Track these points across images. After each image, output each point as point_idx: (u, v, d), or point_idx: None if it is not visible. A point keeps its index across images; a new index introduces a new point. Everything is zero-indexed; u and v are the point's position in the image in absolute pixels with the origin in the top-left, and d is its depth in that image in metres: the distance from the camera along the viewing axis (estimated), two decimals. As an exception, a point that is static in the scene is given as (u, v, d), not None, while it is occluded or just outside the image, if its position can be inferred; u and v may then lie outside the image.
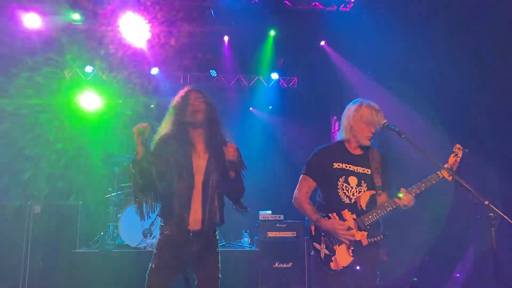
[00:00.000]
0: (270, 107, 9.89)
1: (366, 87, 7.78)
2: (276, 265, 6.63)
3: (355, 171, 2.96)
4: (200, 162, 2.89)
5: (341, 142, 3.03)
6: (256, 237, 6.99)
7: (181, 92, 3.03)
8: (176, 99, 3.01)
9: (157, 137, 2.96)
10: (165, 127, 2.98)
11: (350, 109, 3.01)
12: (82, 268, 5.97)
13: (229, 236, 6.95)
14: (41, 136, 7.87)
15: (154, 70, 9.06)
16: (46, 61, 7.88)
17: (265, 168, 8.53)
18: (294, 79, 9.96)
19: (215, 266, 2.87)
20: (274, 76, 9.62)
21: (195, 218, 2.79)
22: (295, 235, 6.82)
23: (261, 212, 6.99)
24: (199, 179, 2.84)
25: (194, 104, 2.90)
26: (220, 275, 2.90)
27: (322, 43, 8.32)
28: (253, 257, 6.51)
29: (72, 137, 8.20)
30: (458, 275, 2.92)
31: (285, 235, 6.84)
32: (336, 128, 8.25)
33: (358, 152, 3.01)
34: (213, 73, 9.26)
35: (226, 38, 8.22)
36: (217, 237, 2.99)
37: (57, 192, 7.38)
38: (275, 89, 9.79)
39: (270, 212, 7.03)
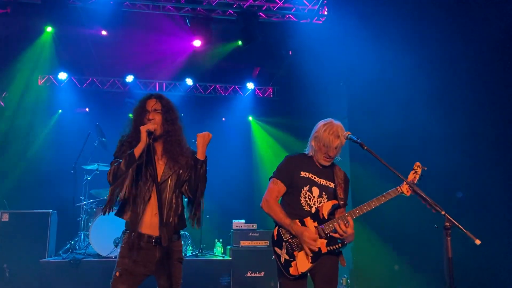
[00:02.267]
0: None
1: (338, 98, 7.93)
2: (249, 274, 6.65)
3: (319, 182, 3.07)
4: (159, 166, 2.88)
5: (310, 156, 3.13)
6: (229, 246, 7.01)
7: (141, 99, 3.01)
8: (136, 105, 3.00)
9: (120, 140, 2.95)
10: (128, 131, 2.96)
11: (315, 129, 3.13)
12: (51, 278, 5.88)
13: (201, 245, 6.95)
14: (11, 144, 7.78)
15: (129, 78, 9.03)
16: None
17: (239, 177, 8.58)
18: (269, 89, 10.08)
19: (177, 273, 2.85)
20: (250, 86, 9.71)
21: (152, 224, 2.78)
22: (268, 244, 6.86)
23: (234, 221, 7.00)
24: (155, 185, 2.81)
25: (151, 113, 2.91)
26: (181, 281, 2.89)
27: (291, 52, 8.42)
28: (225, 266, 6.52)
29: (43, 146, 8.13)
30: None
31: (258, 244, 6.87)
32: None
33: (324, 166, 3.11)
34: (189, 81, 9.28)
35: (198, 43, 8.24)
36: (182, 242, 2.99)
37: (26, 200, 7.26)
38: (251, 98, 9.88)
39: (243, 221, 7.04)
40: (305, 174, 3.06)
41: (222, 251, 7.06)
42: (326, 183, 3.07)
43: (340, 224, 2.85)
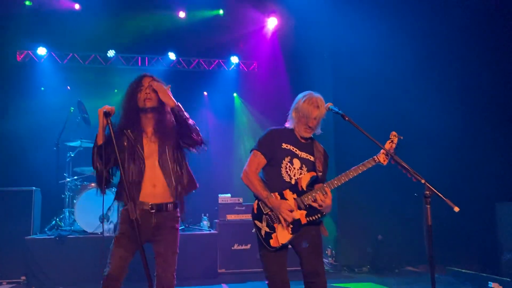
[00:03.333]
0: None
1: (323, 71, 7.91)
2: (235, 247, 6.72)
3: (299, 155, 3.11)
4: (151, 145, 2.97)
5: (291, 129, 3.17)
6: (215, 220, 7.05)
7: (136, 78, 3.09)
8: (131, 84, 3.07)
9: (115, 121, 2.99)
10: (120, 111, 3.01)
11: (295, 101, 3.17)
12: (37, 256, 5.87)
13: (188, 219, 6.98)
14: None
15: (111, 53, 8.85)
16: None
17: (224, 152, 8.57)
18: (254, 62, 9.97)
19: (172, 240, 2.93)
20: (234, 59, 9.59)
21: (150, 193, 2.89)
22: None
23: (220, 196, 7.03)
24: (154, 161, 2.93)
25: (146, 92, 2.97)
26: (177, 251, 2.97)
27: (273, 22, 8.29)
28: (212, 240, 6.58)
29: (24, 124, 7.99)
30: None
31: (244, 218, 6.93)
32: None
33: (304, 140, 3.16)
34: (172, 55, 9.14)
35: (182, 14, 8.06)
36: (178, 214, 3.05)
37: (9, 178, 7.18)
38: (236, 72, 9.77)
39: (229, 195, 7.08)
40: (286, 146, 3.10)
41: (209, 225, 7.10)
42: (307, 156, 3.12)
43: (319, 195, 2.88)
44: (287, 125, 3.20)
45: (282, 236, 2.92)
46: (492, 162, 7.00)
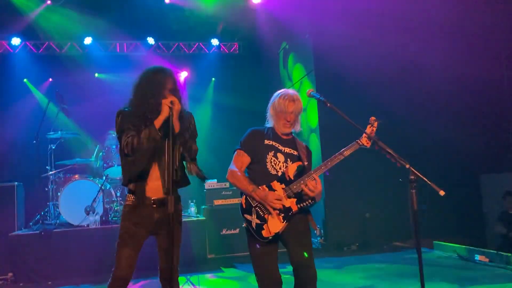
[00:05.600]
0: (214, 79, 9.68)
1: (305, 51, 7.81)
2: (224, 231, 6.72)
3: (283, 150, 3.10)
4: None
5: (272, 128, 3.18)
6: (202, 206, 7.01)
7: (160, 72, 2.97)
8: (149, 76, 2.94)
9: (122, 113, 2.90)
10: (133, 101, 2.91)
11: (271, 100, 3.16)
12: (23, 252, 5.78)
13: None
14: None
15: (88, 40, 8.63)
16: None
17: (208, 138, 8.48)
18: (235, 44, 9.82)
19: (177, 233, 2.88)
20: (215, 42, 9.44)
21: (154, 187, 2.87)
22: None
23: (207, 181, 6.99)
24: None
25: (169, 94, 2.85)
26: (181, 241, 2.99)
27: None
28: (200, 226, 6.56)
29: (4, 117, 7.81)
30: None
31: (232, 202, 6.92)
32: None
33: (285, 136, 3.17)
34: (150, 40, 8.95)
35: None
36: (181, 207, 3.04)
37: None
38: (216, 55, 9.62)
39: (215, 180, 7.05)
40: (269, 142, 3.09)
41: (196, 211, 7.08)
42: (290, 150, 3.10)
43: (310, 182, 2.86)
44: (267, 125, 3.20)
45: (274, 225, 2.89)
46: (476, 135, 7.06)
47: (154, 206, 2.86)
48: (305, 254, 2.91)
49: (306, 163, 3.02)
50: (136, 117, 2.85)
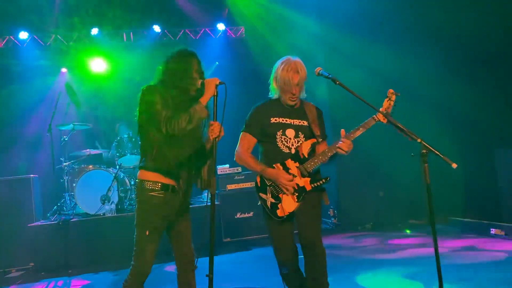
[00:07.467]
0: (217, 62, 9.61)
1: (311, 33, 7.73)
2: (238, 215, 6.77)
3: (292, 123, 3.02)
4: None
5: (277, 99, 3.06)
6: (216, 191, 7.05)
7: (184, 56, 2.99)
8: (187, 58, 2.97)
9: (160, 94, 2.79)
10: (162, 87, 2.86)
11: (273, 71, 3.04)
12: (42, 242, 5.90)
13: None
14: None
15: (94, 31, 8.63)
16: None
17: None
18: (241, 28, 9.74)
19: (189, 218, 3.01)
20: (221, 26, 9.37)
21: (176, 174, 2.85)
22: (254, 185, 6.92)
23: (219, 167, 7.03)
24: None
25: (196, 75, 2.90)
26: None
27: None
28: (215, 211, 6.59)
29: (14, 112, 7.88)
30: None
31: (245, 186, 6.96)
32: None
33: (292, 107, 3.07)
34: (157, 28, 8.92)
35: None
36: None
37: (5, 168, 7.15)
38: (223, 40, 9.55)
39: (227, 166, 7.08)
40: (276, 120, 3.01)
41: (210, 196, 7.10)
42: (300, 122, 3.03)
43: (322, 160, 2.85)
44: (271, 96, 3.10)
45: (288, 205, 2.90)
46: (490, 109, 6.94)
47: (177, 194, 2.85)
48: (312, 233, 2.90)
49: (319, 137, 2.98)
50: (176, 97, 2.79)
